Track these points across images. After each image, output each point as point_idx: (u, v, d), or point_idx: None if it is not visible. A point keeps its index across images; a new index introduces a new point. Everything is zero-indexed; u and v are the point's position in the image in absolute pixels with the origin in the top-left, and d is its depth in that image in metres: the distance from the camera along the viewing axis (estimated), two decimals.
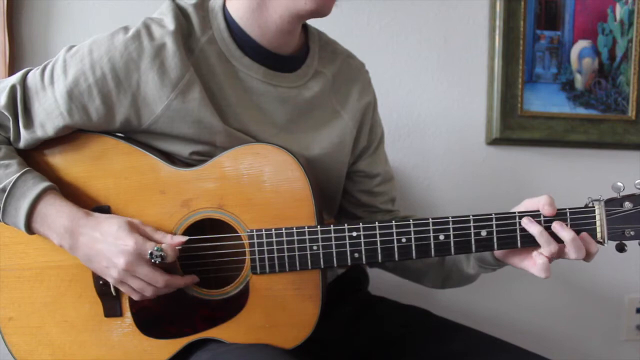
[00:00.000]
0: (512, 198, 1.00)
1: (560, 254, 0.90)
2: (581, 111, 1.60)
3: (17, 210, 0.92)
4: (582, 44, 1.59)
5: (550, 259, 0.89)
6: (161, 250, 0.89)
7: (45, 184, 0.92)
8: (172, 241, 0.92)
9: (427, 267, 1.11)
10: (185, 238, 0.93)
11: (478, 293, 1.58)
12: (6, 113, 0.94)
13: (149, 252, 0.89)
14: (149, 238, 0.92)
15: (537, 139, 1.58)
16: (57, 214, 0.92)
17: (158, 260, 0.89)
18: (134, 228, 0.91)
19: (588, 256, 0.89)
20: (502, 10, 1.54)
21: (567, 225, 0.89)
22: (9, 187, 0.91)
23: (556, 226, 0.89)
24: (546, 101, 1.58)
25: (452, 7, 1.56)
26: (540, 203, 0.90)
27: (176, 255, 0.92)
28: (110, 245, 0.90)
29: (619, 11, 1.60)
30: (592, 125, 1.60)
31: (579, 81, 1.60)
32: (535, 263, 0.90)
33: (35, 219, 0.92)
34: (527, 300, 1.63)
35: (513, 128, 1.56)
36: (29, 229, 0.93)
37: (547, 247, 0.88)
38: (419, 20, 1.55)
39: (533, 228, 0.89)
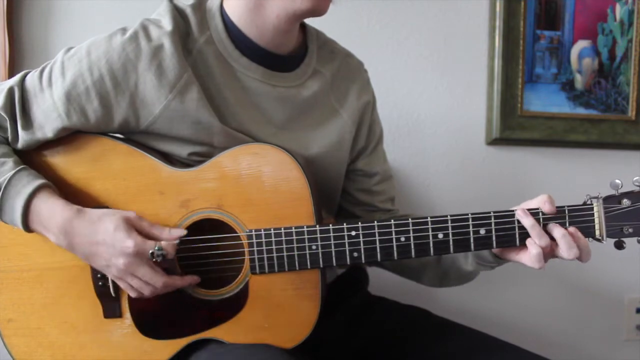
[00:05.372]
0: (512, 198, 1.00)
1: (553, 250, 0.90)
2: (581, 111, 1.59)
3: (13, 208, 0.92)
4: (582, 44, 1.59)
5: (544, 251, 0.89)
6: (161, 249, 0.89)
7: (39, 181, 0.92)
8: (170, 235, 0.92)
9: (423, 266, 1.11)
10: (183, 231, 0.93)
11: (478, 293, 1.57)
12: (3, 114, 0.94)
13: (150, 252, 0.89)
14: (147, 234, 0.92)
15: (537, 139, 1.57)
16: (50, 213, 0.91)
17: (159, 259, 0.89)
18: (131, 226, 0.91)
19: (582, 254, 0.89)
20: (502, 10, 1.54)
21: (566, 223, 0.89)
22: (4, 184, 0.91)
23: (550, 225, 0.90)
24: (546, 101, 1.58)
25: (452, 7, 1.56)
26: (540, 202, 0.91)
27: (175, 251, 0.92)
28: (108, 247, 0.90)
29: (619, 11, 1.60)
30: (592, 125, 1.60)
31: (579, 81, 1.59)
32: (529, 253, 0.90)
33: (31, 218, 0.92)
34: (527, 300, 1.63)
35: (513, 128, 1.56)
36: (27, 227, 0.93)
37: (539, 240, 0.89)
38: (419, 20, 1.55)
39: (526, 220, 0.90)
